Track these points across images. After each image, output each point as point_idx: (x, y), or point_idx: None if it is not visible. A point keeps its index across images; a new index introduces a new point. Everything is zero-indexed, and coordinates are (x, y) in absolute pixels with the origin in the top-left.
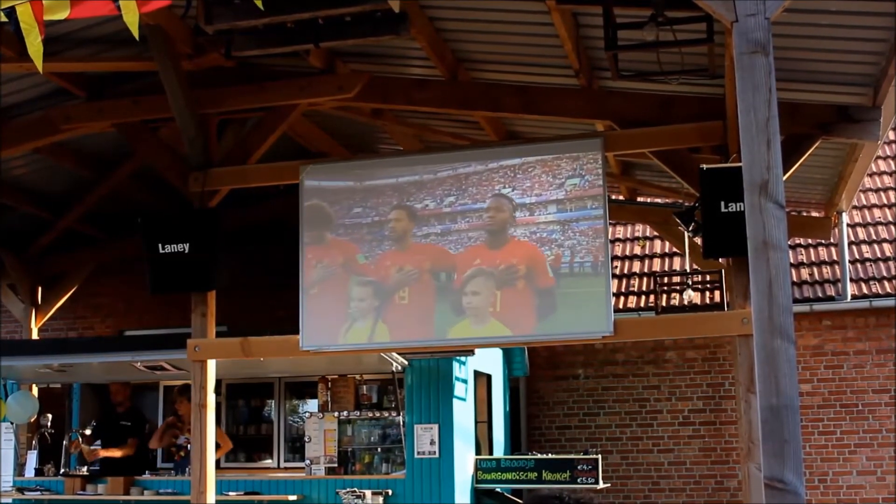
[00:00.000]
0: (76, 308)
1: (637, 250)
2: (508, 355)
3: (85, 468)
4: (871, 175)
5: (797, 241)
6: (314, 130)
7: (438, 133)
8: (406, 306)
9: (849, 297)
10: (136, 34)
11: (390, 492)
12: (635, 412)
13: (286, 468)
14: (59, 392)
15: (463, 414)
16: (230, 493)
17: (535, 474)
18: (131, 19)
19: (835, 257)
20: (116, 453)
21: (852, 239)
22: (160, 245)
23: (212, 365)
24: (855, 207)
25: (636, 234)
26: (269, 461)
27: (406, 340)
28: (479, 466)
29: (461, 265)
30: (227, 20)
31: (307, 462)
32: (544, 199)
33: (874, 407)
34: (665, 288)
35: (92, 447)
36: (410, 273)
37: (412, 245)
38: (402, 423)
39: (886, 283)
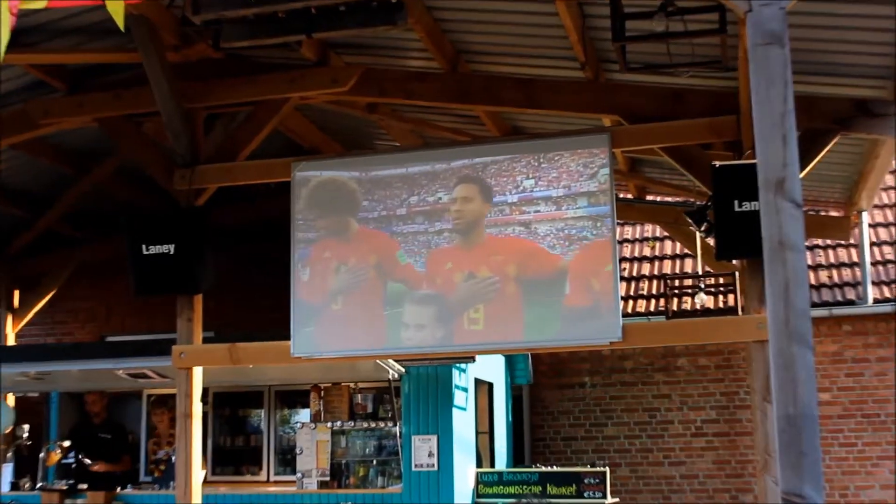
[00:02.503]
0: (55, 312)
1: (647, 251)
2: (511, 362)
3: (63, 482)
4: (893, 172)
5: (815, 242)
6: (306, 125)
7: (437, 128)
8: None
9: (870, 301)
10: (121, 24)
11: None
12: (645, 422)
13: (276, 482)
14: (36, 401)
15: (463, 424)
16: None
17: (540, 488)
18: (116, 8)
19: (855, 259)
20: (111, 469)
21: (874, 240)
22: (144, 246)
23: (198, 372)
24: (876, 206)
25: (645, 235)
26: (259, 474)
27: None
28: (480, 480)
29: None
30: (215, 9)
31: (298, 475)
32: (546, 196)
33: None
34: (676, 291)
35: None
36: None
37: (487, 239)
38: (398, 433)
39: None
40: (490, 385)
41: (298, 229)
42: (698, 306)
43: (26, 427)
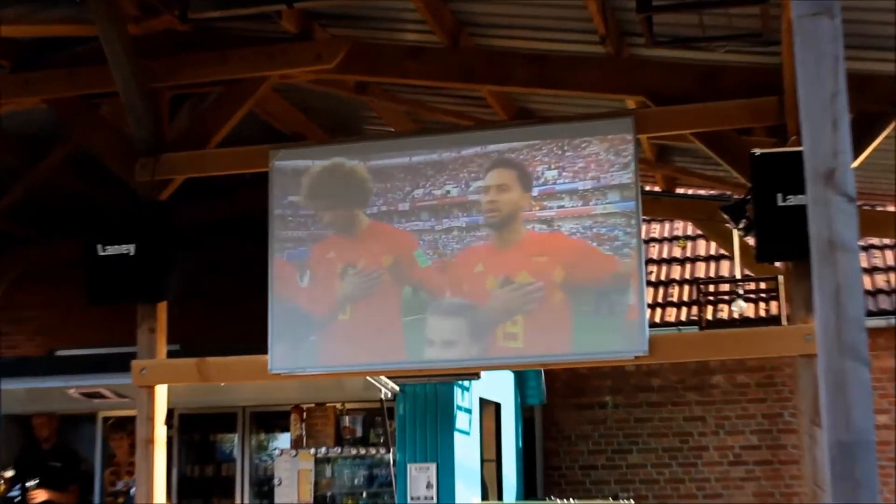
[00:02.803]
0: None
1: (677, 252)
2: (521, 380)
3: None
4: None
5: (870, 242)
6: (287, 108)
7: (436, 111)
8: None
9: None
10: None
11: None
12: (675, 449)
13: None
14: None
15: (466, 451)
16: None
17: None
18: None
19: None
20: (55, 499)
21: None
22: (100, 246)
23: (162, 391)
24: None
25: (675, 233)
26: None
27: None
28: None
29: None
30: None
31: None
32: (572, 189)
33: None
34: (711, 298)
35: (29, 487)
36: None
37: (526, 235)
38: (392, 461)
39: None
40: (497, 406)
41: (288, 226)
42: (736, 315)
43: None
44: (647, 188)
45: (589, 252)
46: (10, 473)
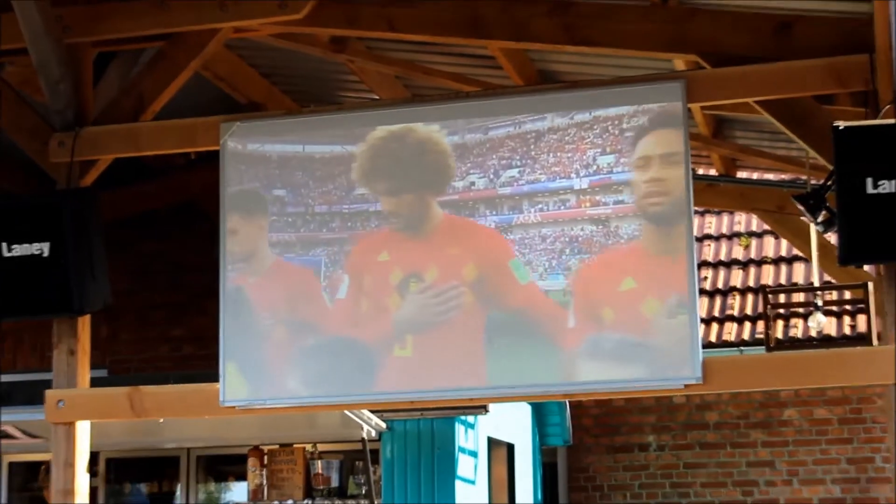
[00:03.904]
0: None
1: (738, 253)
2: (540, 415)
3: None
4: None
5: None
6: (244, 70)
7: (433, 74)
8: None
9: None
10: None
11: None
12: (738, 502)
13: None
14: None
15: (470, 502)
16: None
17: None
18: None
19: None
20: None
21: None
22: (4, 245)
23: (84, 430)
24: None
25: (736, 229)
26: None
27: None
28: None
29: None
30: None
31: None
32: (631, 180)
33: None
34: (781, 311)
35: None
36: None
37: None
38: None
39: None
40: (510, 447)
41: (273, 227)
42: (813, 333)
43: None
44: (701, 172)
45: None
46: None
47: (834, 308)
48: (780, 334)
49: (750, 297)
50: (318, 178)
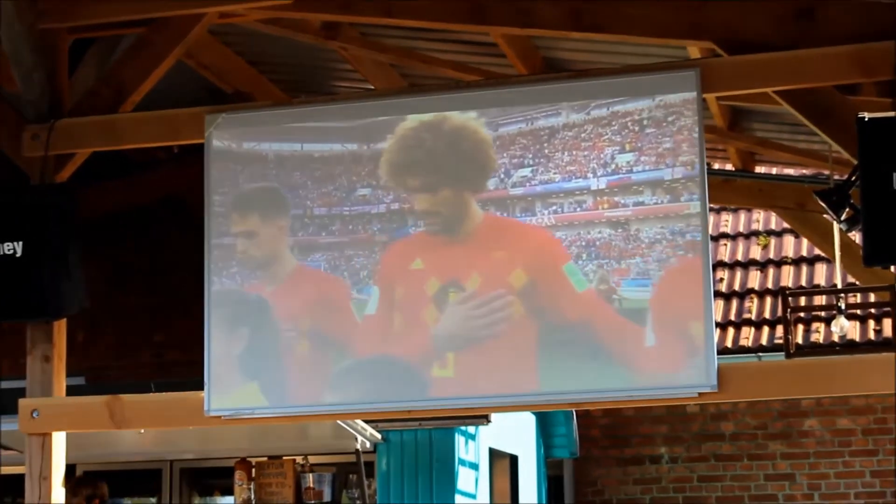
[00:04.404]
0: None
1: (756, 253)
2: (545, 425)
3: None
4: None
5: None
6: (229, 58)
7: (431, 62)
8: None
9: None
10: None
11: None
12: None
13: None
14: None
15: None
16: None
17: None
18: None
19: None
20: None
21: None
22: None
23: (59, 441)
24: None
25: (754, 228)
26: None
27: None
28: None
29: None
30: None
31: None
32: (653, 179)
33: None
34: (801, 315)
35: None
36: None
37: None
38: None
39: None
40: (513, 459)
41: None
42: (836, 337)
43: None
44: (717, 166)
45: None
46: None
47: (858, 311)
48: (800, 339)
49: (768, 300)
50: (317, 178)
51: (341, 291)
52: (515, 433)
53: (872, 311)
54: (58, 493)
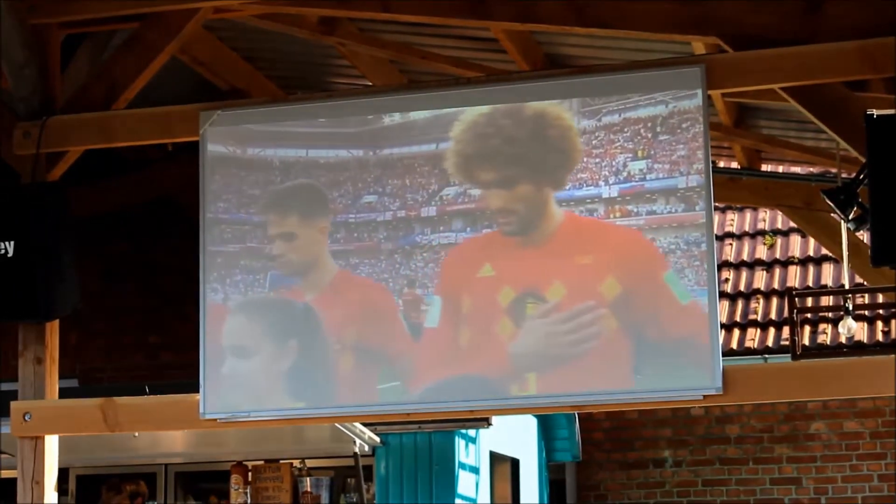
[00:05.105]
0: None
1: (762, 253)
2: (547, 428)
3: None
4: None
5: None
6: (224, 54)
7: (431, 58)
8: None
9: None
10: None
11: None
12: None
13: None
14: None
15: None
16: None
17: None
18: None
19: None
20: None
21: None
22: None
23: (52, 444)
24: None
25: (760, 227)
26: None
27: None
28: None
29: None
30: None
31: None
32: (668, 187)
33: None
34: (808, 315)
35: None
36: None
37: None
38: None
39: None
40: (514, 463)
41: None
42: (843, 339)
43: None
44: (722, 164)
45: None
46: None
47: (866, 312)
48: (807, 341)
49: (775, 301)
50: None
51: (389, 301)
52: (516, 436)
53: (880, 311)
54: (51, 497)
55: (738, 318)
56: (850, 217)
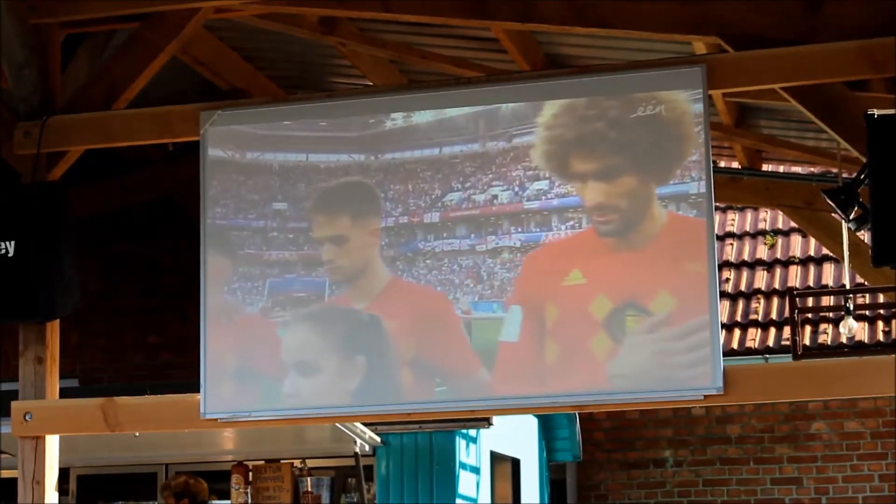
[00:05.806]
0: None
1: (762, 253)
2: (547, 428)
3: None
4: None
5: None
6: (225, 54)
7: (431, 58)
8: None
9: None
10: None
11: None
12: None
13: None
14: None
15: None
16: None
17: None
18: None
19: None
20: None
21: None
22: None
23: (53, 444)
24: None
25: (760, 227)
26: None
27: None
28: None
29: None
30: None
31: None
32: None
33: None
34: (809, 315)
35: None
36: None
37: None
38: None
39: None
40: (515, 462)
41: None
42: (844, 339)
43: None
44: (722, 164)
45: None
46: None
47: (866, 312)
48: (807, 341)
49: (775, 301)
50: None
51: (452, 310)
52: (517, 436)
53: (881, 311)
54: (51, 497)
55: (738, 318)
56: (851, 217)
